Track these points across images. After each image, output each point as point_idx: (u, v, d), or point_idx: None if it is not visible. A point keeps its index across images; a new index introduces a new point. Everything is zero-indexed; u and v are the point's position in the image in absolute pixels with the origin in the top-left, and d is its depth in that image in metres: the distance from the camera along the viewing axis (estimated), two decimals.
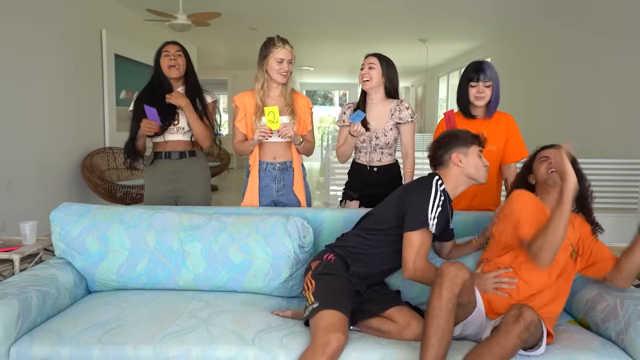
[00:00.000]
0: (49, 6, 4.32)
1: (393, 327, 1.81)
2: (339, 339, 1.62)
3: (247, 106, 2.54)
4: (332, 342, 1.60)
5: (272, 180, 2.57)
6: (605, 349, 1.72)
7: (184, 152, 2.77)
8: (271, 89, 2.53)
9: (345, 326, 1.69)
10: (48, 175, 4.36)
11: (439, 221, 1.88)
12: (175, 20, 4.65)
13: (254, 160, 2.56)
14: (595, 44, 4.91)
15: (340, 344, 1.62)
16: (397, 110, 2.56)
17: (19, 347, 1.73)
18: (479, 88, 2.42)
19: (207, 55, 9.87)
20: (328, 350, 1.59)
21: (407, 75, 14.52)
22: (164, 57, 2.70)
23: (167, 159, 2.76)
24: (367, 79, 2.53)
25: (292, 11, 6.21)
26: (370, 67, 2.53)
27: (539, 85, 6.29)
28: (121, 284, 2.20)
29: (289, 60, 2.46)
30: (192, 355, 1.71)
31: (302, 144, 2.54)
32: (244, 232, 2.21)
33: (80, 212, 2.24)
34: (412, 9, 6.00)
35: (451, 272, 1.62)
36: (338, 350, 1.62)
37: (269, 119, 2.36)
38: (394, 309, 1.85)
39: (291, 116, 2.51)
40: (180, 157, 2.76)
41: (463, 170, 1.98)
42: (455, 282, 1.61)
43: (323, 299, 1.77)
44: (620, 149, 4.41)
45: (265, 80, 2.50)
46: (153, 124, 2.62)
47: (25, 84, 4.03)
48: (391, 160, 2.63)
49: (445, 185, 1.96)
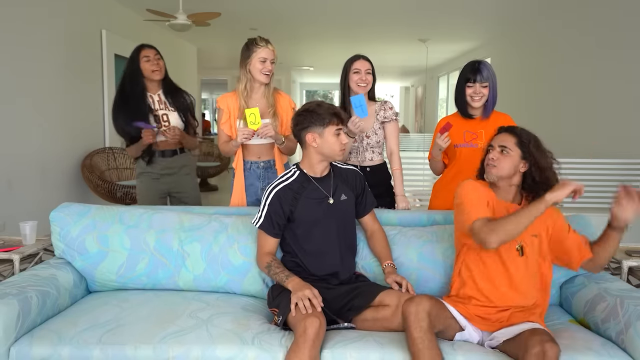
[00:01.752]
0: (48, 6, 4.32)
1: (387, 312, 1.85)
2: (313, 322, 1.66)
3: (231, 108, 2.55)
4: (308, 327, 1.65)
5: (256, 178, 2.61)
6: (606, 349, 1.71)
7: (176, 149, 2.94)
8: (253, 90, 2.55)
9: (317, 311, 1.73)
10: (48, 175, 4.36)
11: (267, 215, 2.01)
12: (175, 20, 4.65)
13: (238, 160, 2.59)
14: (595, 44, 4.91)
15: (316, 326, 1.66)
16: (382, 109, 2.63)
17: (19, 347, 1.73)
18: (476, 89, 2.42)
19: (207, 55, 9.87)
20: (308, 337, 1.64)
21: (407, 75, 14.53)
22: (145, 62, 2.82)
23: (162, 157, 2.91)
24: (365, 84, 2.57)
25: (292, 11, 6.21)
26: (367, 72, 2.58)
27: (538, 85, 6.29)
28: (121, 284, 2.20)
29: (271, 60, 2.47)
30: (192, 355, 1.71)
31: (285, 143, 2.54)
32: (244, 233, 2.21)
33: (80, 212, 2.24)
34: (412, 9, 6.00)
35: (412, 311, 1.66)
36: (317, 334, 1.66)
37: (250, 121, 2.38)
38: (382, 294, 1.89)
39: (273, 118, 2.54)
40: (173, 154, 2.94)
41: (318, 150, 2.01)
42: (420, 317, 1.64)
43: (284, 306, 1.83)
44: (620, 149, 4.41)
45: (248, 81, 2.51)
46: (152, 131, 2.77)
47: (26, 84, 4.03)
48: (381, 160, 2.68)
49: (301, 163, 2.08)
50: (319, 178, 2.07)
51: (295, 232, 2.04)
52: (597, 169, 4.05)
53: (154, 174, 2.93)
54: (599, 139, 4.80)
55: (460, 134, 2.51)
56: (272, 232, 2.02)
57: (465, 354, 1.70)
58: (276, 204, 2.00)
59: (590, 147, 4.88)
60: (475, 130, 2.49)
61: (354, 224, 2.16)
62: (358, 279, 2.09)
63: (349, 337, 1.78)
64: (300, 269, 2.03)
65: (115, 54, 5.53)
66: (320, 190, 2.05)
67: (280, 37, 7.21)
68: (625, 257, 2.47)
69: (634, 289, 1.93)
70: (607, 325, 1.81)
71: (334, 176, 2.10)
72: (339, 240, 2.06)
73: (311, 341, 1.63)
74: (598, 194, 4.04)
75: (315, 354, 1.65)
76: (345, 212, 2.09)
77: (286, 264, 2.04)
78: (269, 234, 2.02)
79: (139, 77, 2.85)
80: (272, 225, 2.01)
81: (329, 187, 2.07)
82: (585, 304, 1.96)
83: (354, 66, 2.57)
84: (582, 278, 2.09)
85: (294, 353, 1.64)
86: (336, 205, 2.06)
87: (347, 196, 2.09)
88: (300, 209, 2.01)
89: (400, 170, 2.64)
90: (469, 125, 2.51)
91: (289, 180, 2.04)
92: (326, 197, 2.05)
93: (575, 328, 1.91)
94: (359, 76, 2.56)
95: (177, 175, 2.96)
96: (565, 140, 5.33)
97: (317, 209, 2.03)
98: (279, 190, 2.02)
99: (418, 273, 2.15)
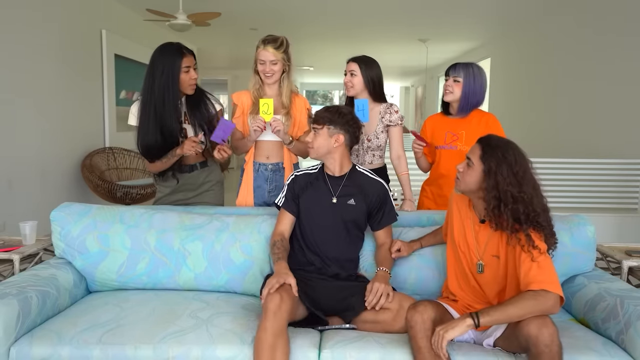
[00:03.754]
0: (48, 6, 4.32)
1: (388, 315, 1.85)
2: (272, 297, 1.70)
3: (245, 104, 2.54)
4: (268, 302, 1.69)
5: (264, 181, 2.59)
6: (606, 349, 1.71)
7: (195, 164, 2.55)
8: (266, 89, 2.52)
9: (282, 289, 1.74)
10: (48, 175, 4.36)
11: (287, 193, 2.13)
12: (175, 20, 4.65)
13: (249, 160, 2.58)
14: (596, 44, 4.91)
15: (276, 302, 1.68)
16: (387, 113, 2.58)
17: (19, 347, 1.73)
18: (448, 82, 2.47)
19: (207, 55, 9.87)
20: (268, 311, 1.67)
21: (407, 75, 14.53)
22: (185, 74, 2.34)
23: (179, 172, 2.53)
24: (350, 86, 2.56)
25: (292, 11, 6.21)
26: (351, 74, 2.54)
27: (538, 85, 6.29)
28: (121, 284, 2.20)
29: (271, 62, 2.40)
30: (192, 355, 1.71)
31: (293, 144, 2.50)
32: (246, 232, 2.21)
33: (80, 212, 2.24)
34: (412, 9, 6.00)
35: (417, 320, 1.66)
36: (278, 307, 1.68)
37: (263, 110, 2.36)
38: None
39: (286, 117, 2.50)
40: (192, 170, 2.54)
41: (338, 149, 2.10)
42: (426, 327, 1.64)
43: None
44: (620, 149, 4.41)
45: (257, 81, 2.50)
46: (198, 144, 2.33)
47: (26, 84, 4.03)
48: (381, 163, 2.65)
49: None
50: (333, 177, 2.11)
51: (298, 221, 2.11)
52: (597, 169, 4.06)
53: (173, 189, 2.56)
54: (598, 139, 4.80)
55: (442, 135, 2.53)
56: (289, 209, 2.11)
57: (465, 354, 1.70)
58: (292, 185, 2.14)
59: (590, 147, 4.88)
60: (456, 131, 2.49)
61: (360, 231, 2.14)
62: (358, 279, 2.09)
63: (349, 337, 1.78)
64: (300, 252, 2.09)
65: (115, 54, 5.54)
66: (328, 186, 2.09)
67: None
68: (625, 257, 2.47)
69: (634, 289, 1.93)
70: (607, 325, 1.81)
71: (347, 179, 2.10)
72: (338, 240, 2.07)
73: (272, 314, 1.66)
74: (598, 194, 4.05)
75: (278, 326, 1.66)
76: (349, 216, 2.07)
77: (293, 243, 2.12)
78: (287, 209, 2.11)
79: (176, 85, 2.35)
80: (289, 202, 2.12)
81: (338, 187, 2.09)
82: (585, 304, 1.96)
83: (346, 68, 2.60)
84: (582, 278, 2.09)
85: (258, 330, 1.68)
86: (339, 206, 2.06)
87: (356, 202, 2.07)
88: (305, 196, 2.10)
89: (407, 174, 2.62)
90: (450, 126, 2.51)
91: (310, 171, 2.17)
92: (330, 195, 2.07)
93: (577, 327, 1.91)
94: (346, 78, 2.57)
95: (195, 191, 2.59)
96: (565, 140, 5.33)
97: (318, 203, 2.08)
98: (298, 175, 2.17)
99: (417, 273, 2.15)
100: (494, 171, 1.65)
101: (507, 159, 1.64)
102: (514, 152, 1.67)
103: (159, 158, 2.41)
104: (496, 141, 1.71)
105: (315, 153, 2.09)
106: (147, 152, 2.40)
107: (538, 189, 1.68)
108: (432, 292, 2.13)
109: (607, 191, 4.05)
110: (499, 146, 1.68)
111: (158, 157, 2.41)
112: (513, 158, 1.65)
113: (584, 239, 2.12)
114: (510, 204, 1.63)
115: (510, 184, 1.63)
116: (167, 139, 2.37)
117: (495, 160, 1.65)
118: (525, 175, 1.65)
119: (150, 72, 2.33)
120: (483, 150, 1.69)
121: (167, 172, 2.50)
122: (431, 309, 1.67)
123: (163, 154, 2.40)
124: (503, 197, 1.64)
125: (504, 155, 1.65)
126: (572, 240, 2.10)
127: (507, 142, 1.71)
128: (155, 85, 2.32)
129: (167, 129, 2.36)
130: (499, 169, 1.64)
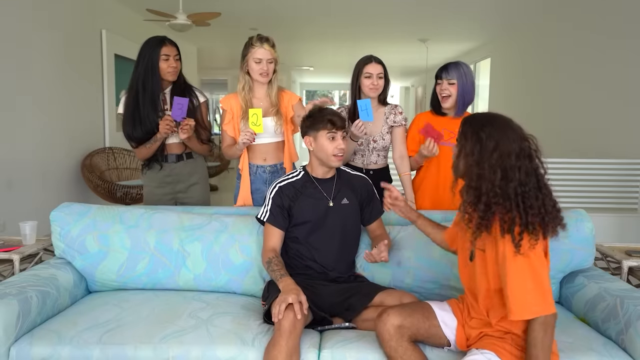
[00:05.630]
0: (48, 6, 4.32)
1: None
2: (287, 315, 1.66)
3: (234, 109, 2.50)
4: (283, 320, 1.66)
5: (262, 183, 2.56)
6: (606, 349, 1.72)
7: (181, 154, 2.67)
8: (256, 90, 2.50)
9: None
10: (48, 175, 4.36)
11: (272, 208, 2.05)
12: (175, 20, 4.65)
13: (244, 163, 2.53)
14: (596, 44, 4.91)
15: (290, 319, 1.65)
16: (392, 114, 2.58)
17: (19, 347, 1.73)
18: (443, 85, 2.49)
19: (207, 55, 9.87)
20: (283, 330, 1.64)
21: (407, 75, 14.53)
22: (164, 62, 2.53)
23: (165, 162, 2.66)
24: (377, 89, 2.52)
25: (292, 11, 6.21)
26: (379, 76, 2.50)
27: (538, 85, 6.29)
28: (121, 284, 2.20)
29: (268, 60, 2.40)
30: (192, 356, 1.71)
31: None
32: (245, 232, 2.21)
33: (80, 212, 2.24)
34: (412, 9, 6.00)
35: (380, 330, 1.63)
36: (293, 326, 1.65)
37: (252, 122, 2.32)
38: (382, 294, 1.90)
39: (276, 117, 2.47)
40: (177, 160, 2.67)
41: (314, 154, 2.07)
42: (390, 335, 1.61)
43: (271, 299, 1.83)
44: (620, 149, 4.41)
45: (247, 82, 2.46)
46: (171, 120, 2.47)
47: (26, 84, 4.03)
48: (385, 164, 2.65)
49: (307, 165, 2.15)
50: (322, 180, 2.10)
51: (295, 231, 2.06)
52: (598, 168, 4.05)
53: (158, 180, 2.68)
54: (598, 139, 4.80)
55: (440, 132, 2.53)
56: (277, 223, 2.04)
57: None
58: (278, 199, 2.05)
59: (590, 147, 4.88)
60: (453, 128, 2.49)
61: (357, 230, 2.15)
62: (357, 279, 2.09)
63: (349, 337, 1.78)
64: (299, 260, 2.06)
65: (115, 54, 5.53)
66: (321, 191, 2.07)
67: (280, 37, 7.18)
68: (625, 257, 2.47)
69: (634, 289, 1.93)
70: (607, 325, 1.81)
71: (338, 179, 2.12)
72: (338, 243, 2.06)
73: (287, 333, 1.64)
74: (598, 194, 4.04)
75: (292, 345, 1.65)
76: (346, 216, 2.08)
77: (289, 252, 2.07)
78: (274, 225, 2.04)
79: (156, 74, 2.53)
80: (275, 217, 2.04)
81: (331, 189, 2.09)
82: (585, 304, 1.96)
83: (365, 70, 2.48)
84: (582, 278, 2.08)
85: (272, 346, 1.66)
86: (336, 208, 2.06)
87: (349, 201, 2.09)
88: (299, 206, 2.04)
89: (409, 175, 2.61)
90: (441, 123, 2.53)
91: (293, 179, 2.11)
92: (326, 199, 2.06)
93: (578, 324, 1.92)
94: (370, 81, 2.48)
95: (182, 183, 2.70)
96: (565, 140, 5.33)
97: (315, 209, 2.05)
98: (282, 186, 2.08)
99: (416, 273, 2.15)
100: (465, 152, 1.51)
101: (479, 135, 1.47)
102: (491, 129, 1.46)
103: (142, 143, 2.57)
104: (477, 118, 1.53)
105: (346, 158, 2.10)
106: (131, 137, 2.60)
107: (527, 167, 1.47)
108: (431, 292, 2.14)
109: (607, 191, 4.05)
110: (475, 122, 1.51)
111: (141, 142, 2.57)
112: (487, 134, 1.46)
113: (582, 235, 2.11)
114: (473, 182, 1.47)
115: (475, 162, 1.46)
116: (146, 124, 2.53)
117: (466, 139, 1.51)
118: (499, 149, 1.44)
119: (136, 62, 2.56)
120: (461, 125, 1.56)
121: (153, 160, 2.65)
122: (396, 317, 1.62)
123: (145, 138, 2.56)
124: (467, 179, 1.50)
125: (477, 132, 1.48)
126: (571, 236, 2.05)
127: (491, 117, 1.51)
128: (137, 72, 2.54)
129: (146, 113, 2.53)
130: (467, 147, 1.49)
